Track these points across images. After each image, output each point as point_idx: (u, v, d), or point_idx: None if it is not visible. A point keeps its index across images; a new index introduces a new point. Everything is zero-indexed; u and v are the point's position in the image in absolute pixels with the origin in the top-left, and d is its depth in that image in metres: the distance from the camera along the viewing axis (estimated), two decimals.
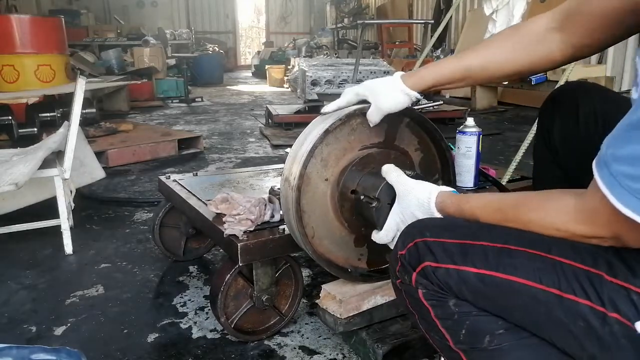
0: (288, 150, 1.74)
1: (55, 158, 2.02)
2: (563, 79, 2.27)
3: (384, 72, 4.60)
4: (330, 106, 1.15)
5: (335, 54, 9.31)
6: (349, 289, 1.25)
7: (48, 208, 2.06)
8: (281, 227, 1.30)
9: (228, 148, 4.03)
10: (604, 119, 1.13)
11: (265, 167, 1.96)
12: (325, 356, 1.30)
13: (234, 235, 1.24)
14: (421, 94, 1.09)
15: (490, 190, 1.58)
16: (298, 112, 4.78)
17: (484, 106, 5.92)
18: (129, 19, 13.47)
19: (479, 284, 0.75)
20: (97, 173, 2.44)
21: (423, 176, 1.06)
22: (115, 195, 2.73)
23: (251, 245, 1.23)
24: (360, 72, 4.49)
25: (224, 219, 1.29)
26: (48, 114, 4.15)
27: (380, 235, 1.04)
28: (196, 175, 1.84)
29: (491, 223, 0.81)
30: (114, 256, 1.94)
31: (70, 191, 2.02)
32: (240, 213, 1.28)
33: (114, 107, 5.95)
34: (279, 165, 1.92)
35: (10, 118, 3.95)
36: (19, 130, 3.95)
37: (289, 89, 8.70)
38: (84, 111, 3.14)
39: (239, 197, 1.33)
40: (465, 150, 1.54)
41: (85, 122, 3.88)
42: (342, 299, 1.20)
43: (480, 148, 1.55)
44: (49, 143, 2.09)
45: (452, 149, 1.45)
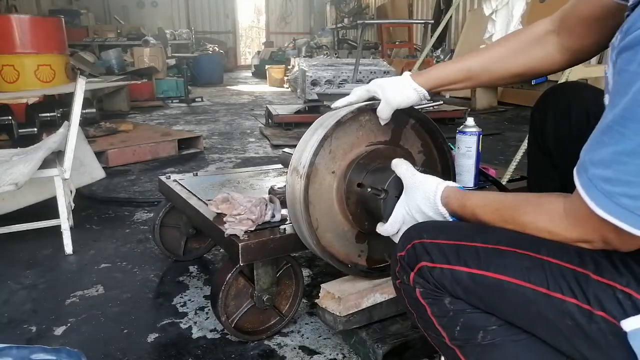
0: (287, 149, 1.75)
1: (55, 158, 2.02)
2: (563, 79, 2.27)
3: (384, 72, 4.59)
4: (341, 101, 1.18)
5: (335, 54, 9.33)
6: (348, 287, 1.25)
7: (48, 208, 2.06)
8: (282, 227, 1.30)
9: (228, 148, 4.03)
10: (597, 119, 1.13)
11: (265, 167, 1.96)
12: (325, 356, 1.30)
13: (235, 235, 1.24)
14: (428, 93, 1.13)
15: (490, 190, 1.58)
16: (298, 112, 4.79)
17: (484, 106, 5.94)
18: (129, 19, 13.47)
19: (471, 283, 0.77)
20: (97, 173, 2.44)
21: (431, 172, 1.06)
22: (115, 195, 2.73)
23: (252, 245, 1.23)
24: (360, 72, 4.49)
25: (224, 219, 1.29)
26: (48, 114, 4.15)
27: (385, 227, 1.04)
28: (196, 175, 1.84)
29: (490, 223, 0.83)
30: (114, 256, 1.94)
31: (70, 191, 2.02)
32: (241, 213, 1.28)
33: (114, 107, 5.96)
34: (279, 166, 1.93)
35: (10, 118, 3.95)
36: (19, 130, 3.95)
37: (289, 89, 8.71)
38: (84, 111, 3.15)
39: (240, 197, 1.33)
40: (465, 150, 1.54)
41: (85, 122, 3.88)
42: (341, 297, 1.20)
43: (480, 148, 1.55)
44: (49, 143, 2.09)
45: (452, 149, 1.45)
